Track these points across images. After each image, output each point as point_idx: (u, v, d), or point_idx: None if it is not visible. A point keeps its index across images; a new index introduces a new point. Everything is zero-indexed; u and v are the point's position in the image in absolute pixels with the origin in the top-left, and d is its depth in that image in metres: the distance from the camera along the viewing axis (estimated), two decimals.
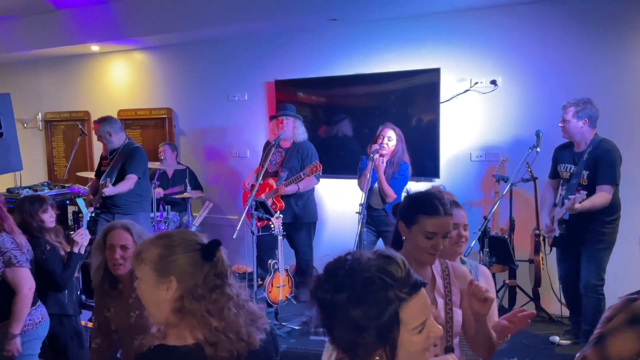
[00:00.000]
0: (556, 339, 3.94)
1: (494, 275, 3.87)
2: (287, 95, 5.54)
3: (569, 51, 4.41)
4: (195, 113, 6.28)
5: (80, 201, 5.22)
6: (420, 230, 1.78)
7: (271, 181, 4.89)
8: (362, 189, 4.25)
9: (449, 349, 1.78)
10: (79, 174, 6.27)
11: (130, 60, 6.64)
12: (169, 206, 5.35)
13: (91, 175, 5.82)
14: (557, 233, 3.73)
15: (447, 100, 4.86)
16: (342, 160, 5.33)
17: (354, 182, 4.70)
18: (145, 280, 1.49)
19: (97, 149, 6.84)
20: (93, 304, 4.77)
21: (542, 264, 4.27)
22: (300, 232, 4.96)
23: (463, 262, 2.24)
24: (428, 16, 4.86)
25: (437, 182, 4.96)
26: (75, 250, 3.11)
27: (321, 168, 4.62)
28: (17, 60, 7.31)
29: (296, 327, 4.30)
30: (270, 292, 4.52)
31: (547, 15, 4.44)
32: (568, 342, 3.90)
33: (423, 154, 4.78)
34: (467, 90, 4.79)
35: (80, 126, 6.61)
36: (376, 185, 4.39)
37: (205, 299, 1.45)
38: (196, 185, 5.86)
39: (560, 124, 3.74)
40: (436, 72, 4.80)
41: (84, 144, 6.89)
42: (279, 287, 4.55)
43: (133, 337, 2.33)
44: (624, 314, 1.40)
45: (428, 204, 1.81)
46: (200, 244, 1.51)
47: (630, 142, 4.09)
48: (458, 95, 4.83)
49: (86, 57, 6.87)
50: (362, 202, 4.00)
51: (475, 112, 4.80)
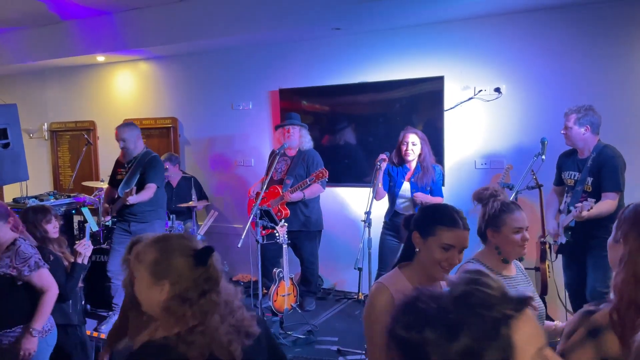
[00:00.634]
0: None
1: None
2: (291, 104, 5.56)
3: (572, 58, 4.41)
4: (200, 122, 6.31)
5: (85, 211, 5.26)
6: (436, 242, 1.79)
7: (277, 188, 4.90)
8: (374, 197, 4.18)
9: None
10: (84, 183, 6.29)
11: (136, 70, 6.68)
12: (174, 215, 5.36)
13: (97, 184, 5.87)
14: (563, 240, 3.72)
15: (451, 108, 4.86)
16: (347, 169, 5.34)
17: (359, 190, 4.70)
18: (141, 280, 1.58)
19: (103, 158, 6.88)
20: (100, 313, 4.80)
21: (549, 272, 4.25)
22: (306, 240, 4.95)
23: (506, 261, 2.26)
24: (432, 25, 4.88)
25: (442, 189, 4.96)
26: (79, 260, 3.13)
27: (327, 174, 4.62)
28: (23, 71, 7.37)
29: (301, 336, 4.28)
30: (275, 301, 4.51)
31: (550, 23, 4.45)
32: None
33: None
34: (471, 98, 4.80)
35: (85, 136, 6.64)
36: (407, 187, 4.32)
37: (192, 302, 1.51)
38: (201, 195, 5.87)
39: (562, 131, 3.74)
40: (440, 80, 4.81)
41: (90, 153, 6.92)
42: (284, 295, 4.54)
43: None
44: (584, 328, 1.38)
45: (447, 215, 1.84)
46: (194, 250, 1.57)
47: (634, 149, 4.07)
48: (462, 103, 4.84)
49: (92, 68, 6.92)
50: (368, 210, 3.99)
51: (480, 120, 4.80)
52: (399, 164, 4.35)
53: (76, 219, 5.78)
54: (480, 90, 4.74)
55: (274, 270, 4.57)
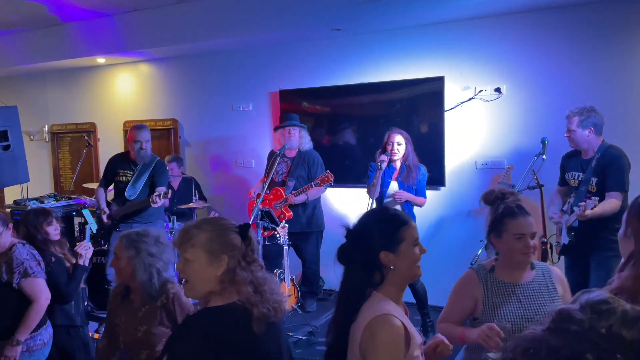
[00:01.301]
0: None
1: None
2: (291, 105, 5.56)
3: (573, 58, 4.41)
4: (201, 124, 6.31)
5: (86, 212, 5.26)
6: (408, 245, 1.70)
7: (280, 190, 4.90)
8: (371, 197, 4.24)
9: None
10: (85, 185, 6.30)
11: (136, 72, 6.69)
12: (175, 217, 5.36)
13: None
14: (565, 240, 3.71)
15: (451, 109, 4.86)
16: (347, 169, 5.33)
17: (360, 190, 4.70)
18: (196, 260, 1.71)
19: (103, 160, 6.88)
20: (100, 315, 4.79)
21: None
22: (308, 241, 4.95)
23: (532, 267, 2.17)
24: (432, 25, 4.87)
25: (442, 190, 4.96)
26: (80, 262, 3.14)
27: (332, 178, 4.61)
28: (24, 73, 7.38)
29: (302, 337, 4.28)
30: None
31: (550, 23, 4.45)
32: None
33: (428, 162, 4.75)
34: (472, 98, 4.79)
35: (86, 138, 6.65)
36: (395, 187, 4.32)
37: (248, 269, 1.73)
38: (200, 196, 5.87)
39: (565, 134, 3.69)
40: (440, 80, 4.81)
41: (90, 155, 6.92)
42: (285, 297, 4.54)
43: (139, 352, 2.34)
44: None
45: (398, 217, 1.76)
46: (236, 227, 1.78)
47: (637, 148, 4.07)
48: (462, 103, 4.83)
49: (92, 70, 6.93)
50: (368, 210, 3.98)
51: (480, 120, 4.80)
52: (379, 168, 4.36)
53: (77, 220, 5.77)
54: (481, 91, 4.73)
55: (275, 271, 4.57)
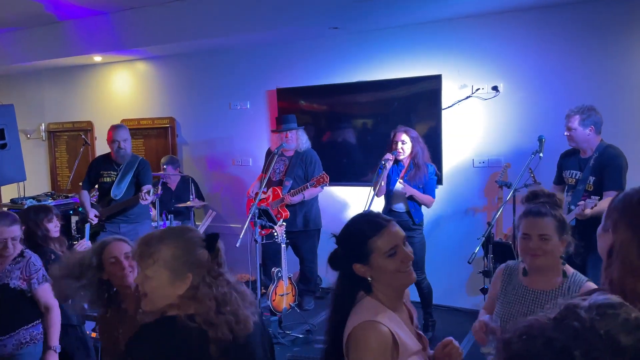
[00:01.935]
0: None
1: None
2: (289, 103, 5.55)
3: (570, 57, 4.41)
4: (198, 122, 6.30)
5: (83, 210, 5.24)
6: (379, 256, 1.61)
7: (277, 190, 4.90)
8: (375, 194, 4.22)
9: None
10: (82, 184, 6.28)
11: (133, 70, 6.67)
12: (172, 215, 5.35)
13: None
14: None
15: (449, 107, 4.86)
16: (345, 168, 5.34)
17: (358, 189, 4.71)
18: (157, 278, 1.58)
19: None
20: (95, 314, 4.77)
21: None
22: (305, 240, 4.96)
23: (565, 275, 2.03)
24: (429, 24, 4.87)
25: (439, 188, 4.96)
26: None
27: (328, 179, 4.61)
28: (20, 72, 7.35)
29: (300, 336, 4.28)
30: (273, 300, 4.51)
31: (548, 21, 4.45)
32: None
33: None
34: (469, 96, 4.80)
35: (83, 136, 6.63)
36: (399, 187, 4.27)
37: (214, 285, 1.60)
38: (198, 195, 5.86)
39: (566, 133, 3.69)
40: (438, 78, 4.81)
41: (87, 154, 6.91)
42: (283, 295, 4.54)
43: None
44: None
45: (367, 225, 1.66)
46: (203, 239, 1.66)
47: (634, 148, 4.07)
48: (460, 101, 4.84)
49: (89, 68, 6.91)
50: (366, 209, 3.99)
51: (477, 119, 4.80)
52: (393, 163, 4.36)
53: (74, 219, 5.76)
54: (478, 89, 4.74)
55: (273, 269, 4.57)
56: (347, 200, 5.40)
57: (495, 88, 4.68)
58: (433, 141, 4.86)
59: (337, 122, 5.45)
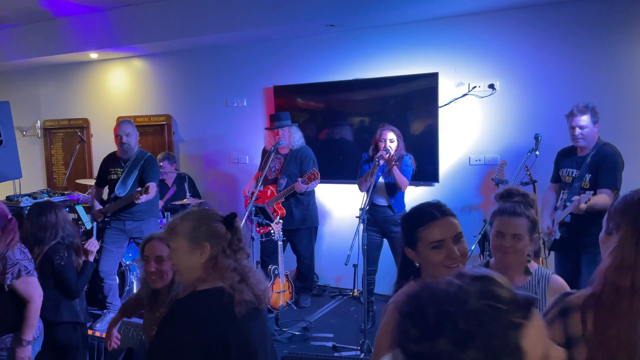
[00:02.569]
0: None
1: None
2: (285, 101, 5.55)
3: (566, 55, 4.43)
4: (195, 119, 6.29)
5: (79, 208, 5.23)
6: (425, 246, 1.62)
7: (271, 188, 4.90)
8: (361, 190, 4.31)
9: None
10: (78, 181, 6.27)
11: (129, 67, 6.65)
12: (169, 213, 5.35)
13: (91, 182, 5.82)
14: (557, 236, 3.73)
15: (445, 105, 4.87)
16: (341, 165, 5.34)
17: (354, 186, 4.70)
18: (179, 249, 1.77)
19: (96, 156, 6.85)
20: (93, 312, 4.78)
21: None
22: (302, 237, 4.96)
23: (528, 272, 2.09)
24: (426, 22, 4.88)
25: (436, 186, 4.97)
26: (91, 259, 3.17)
27: (319, 175, 4.63)
28: (16, 69, 7.33)
29: (297, 333, 4.29)
30: (270, 297, 4.51)
31: (544, 19, 4.46)
32: None
33: (422, 158, 4.78)
34: (466, 94, 4.81)
35: (79, 133, 6.61)
36: (380, 180, 4.34)
37: (233, 257, 1.77)
38: (194, 193, 5.86)
39: (578, 132, 3.60)
40: (434, 76, 4.82)
41: (83, 151, 6.89)
42: (279, 292, 4.55)
43: None
44: (557, 308, 1.42)
45: (420, 214, 1.68)
46: (221, 215, 1.83)
47: (629, 146, 4.08)
48: (456, 99, 4.85)
49: (85, 65, 6.89)
50: (363, 206, 3.99)
51: (474, 116, 4.81)
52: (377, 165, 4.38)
53: (70, 216, 5.74)
54: (475, 87, 4.75)
55: (269, 267, 4.57)
56: (344, 198, 5.41)
57: (491, 86, 4.69)
58: (429, 139, 4.87)
59: (333, 120, 5.45)
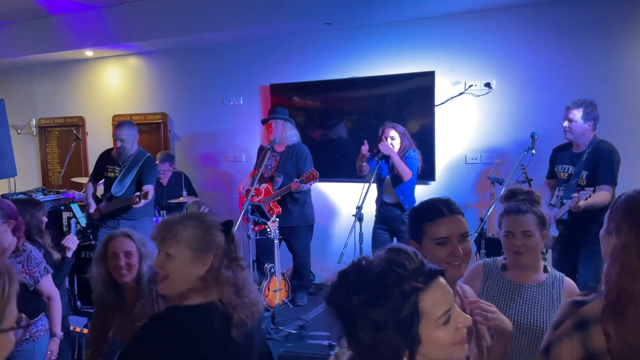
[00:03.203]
0: None
1: None
2: (282, 99, 5.54)
3: (562, 54, 4.44)
4: (191, 118, 6.27)
5: (75, 207, 5.22)
6: (430, 241, 1.61)
7: (268, 186, 4.89)
8: (359, 173, 4.47)
9: None
10: (73, 179, 6.25)
11: (125, 65, 6.63)
12: (165, 211, 5.33)
13: (86, 180, 5.79)
14: (555, 234, 3.73)
15: (442, 103, 4.87)
16: (338, 164, 5.34)
17: (351, 185, 4.72)
18: (179, 258, 1.65)
19: (92, 154, 6.83)
20: (88, 310, 4.76)
21: None
22: (298, 235, 4.95)
23: (546, 270, 2.08)
24: (422, 20, 4.88)
25: (432, 184, 4.98)
26: (69, 255, 3.21)
27: (317, 175, 4.62)
28: (11, 66, 7.29)
29: (293, 331, 4.28)
30: (266, 296, 4.51)
31: (540, 18, 4.47)
32: None
33: None
34: (462, 93, 4.81)
35: (74, 131, 6.58)
36: (387, 176, 4.42)
37: (231, 269, 1.69)
38: (190, 191, 5.84)
39: (565, 125, 3.67)
40: (431, 75, 4.82)
41: (79, 149, 6.87)
42: (276, 291, 4.54)
43: None
44: (571, 320, 1.36)
45: (429, 209, 1.67)
46: (220, 223, 1.75)
47: (625, 144, 4.09)
48: (453, 98, 4.85)
49: (80, 63, 6.85)
50: (359, 204, 4.00)
51: (470, 115, 4.82)
52: (381, 158, 4.41)
53: (65, 215, 5.73)
54: (471, 85, 4.75)
55: (266, 265, 4.57)
56: (340, 196, 5.41)
57: (488, 85, 4.69)
58: (426, 138, 4.87)
59: (330, 118, 5.45)
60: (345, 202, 5.31)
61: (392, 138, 4.38)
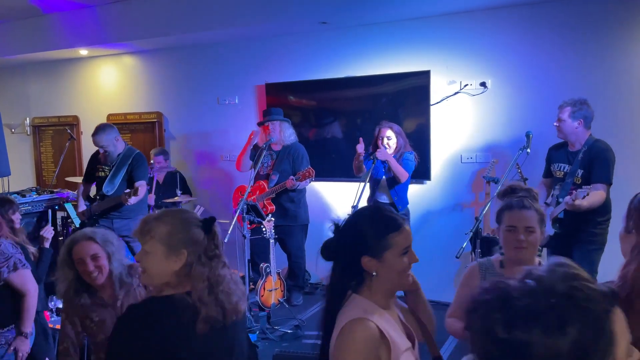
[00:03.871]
0: None
1: None
2: (277, 98, 5.53)
3: (558, 53, 4.44)
4: (186, 117, 6.25)
5: (69, 206, 5.19)
6: (395, 252, 1.57)
7: (263, 184, 4.89)
8: (355, 173, 4.52)
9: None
10: (67, 179, 6.21)
11: (120, 64, 6.60)
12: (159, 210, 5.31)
13: (81, 180, 5.76)
14: (550, 232, 3.74)
15: (437, 103, 4.87)
16: (333, 163, 5.33)
17: (346, 184, 4.72)
18: (154, 253, 1.69)
19: (86, 153, 6.79)
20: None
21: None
22: (293, 235, 4.95)
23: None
24: (418, 19, 4.88)
25: (427, 184, 4.98)
26: (46, 245, 3.27)
27: (313, 173, 4.62)
28: (4, 65, 7.24)
29: (289, 331, 4.28)
30: (262, 296, 4.50)
31: (536, 17, 4.47)
32: None
33: None
34: (457, 92, 4.81)
35: (69, 131, 6.55)
36: (384, 177, 4.45)
37: (208, 265, 1.70)
38: (185, 190, 5.82)
39: (555, 123, 3.74)
40: (426, 74, 4.82)
41: (73, 148, 6.83)
42: (271, 290, 4.53)
43: None
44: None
45: (390, 220, 1.62)
46: (200, 220, 1.76)
47: (621, 144, 4.10)
48: (448, 97, 4.85)
49: (75, 62, 6.82)
50: (354, 204, 4.00)
51: (466, 114, 4.82)
52: (377, 158, 4.41)
53: (60, 214, 5.70)
54: (466, 85, 4.75)
55: (261, 265, 4.56)
56: (335, 196, 5.40)
57: (483, 84, 4.70)
58: (421, 137, 4.87)
59: (325, 118, 5.44)
60: (340, 201, 5.30)
61: (389, 138, 4.40)
